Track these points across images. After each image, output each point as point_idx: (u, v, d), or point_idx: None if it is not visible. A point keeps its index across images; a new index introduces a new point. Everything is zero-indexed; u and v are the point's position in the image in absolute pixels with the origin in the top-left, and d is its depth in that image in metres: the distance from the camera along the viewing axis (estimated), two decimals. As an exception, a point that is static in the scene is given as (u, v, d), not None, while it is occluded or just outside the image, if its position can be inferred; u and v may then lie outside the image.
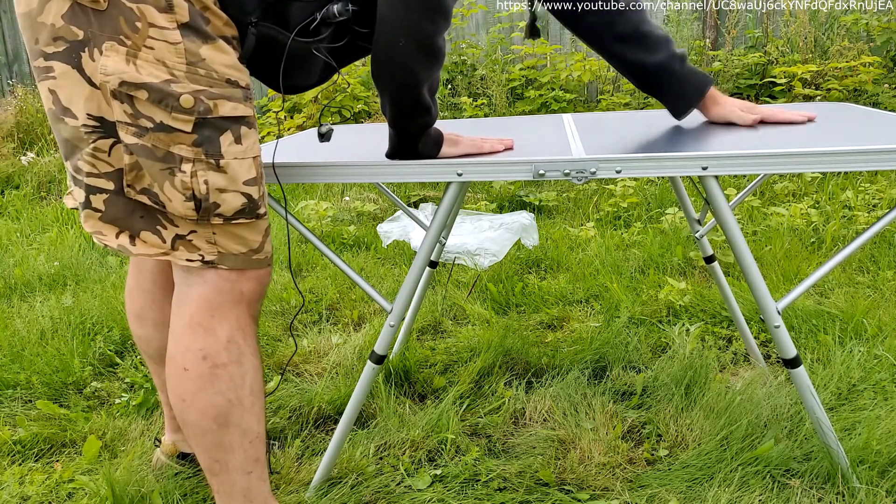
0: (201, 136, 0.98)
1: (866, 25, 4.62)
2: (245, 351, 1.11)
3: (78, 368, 1.92)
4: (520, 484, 1.40)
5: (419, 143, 1.16)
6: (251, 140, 1.03)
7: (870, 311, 2.06)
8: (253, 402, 1.13)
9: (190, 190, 0.99)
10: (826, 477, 1.33)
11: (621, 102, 4.81)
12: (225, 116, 0.99)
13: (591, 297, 2.40)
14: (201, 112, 0.97)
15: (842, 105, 1.68)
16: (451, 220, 1.85)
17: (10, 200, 4.25)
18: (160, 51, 0.94)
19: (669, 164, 1.09)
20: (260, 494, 1.18)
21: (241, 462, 1.14)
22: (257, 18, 1.04)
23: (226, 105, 0.99)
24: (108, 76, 0.94)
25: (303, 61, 1.13)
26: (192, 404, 1.09)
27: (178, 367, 1.09)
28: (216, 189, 1.00)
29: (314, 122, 4.99)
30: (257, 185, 1.05)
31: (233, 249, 1.06)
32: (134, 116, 0.96)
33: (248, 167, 1.03)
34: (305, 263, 2.88)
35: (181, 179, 0.98)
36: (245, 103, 1.02)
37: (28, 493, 1.44)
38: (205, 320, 1.08)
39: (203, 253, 1.05)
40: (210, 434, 1.11)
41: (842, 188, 3.39)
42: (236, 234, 1.06)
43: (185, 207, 1.00)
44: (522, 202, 3.67)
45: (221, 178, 1.00)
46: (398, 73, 1.08)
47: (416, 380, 1.81)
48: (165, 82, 0.94)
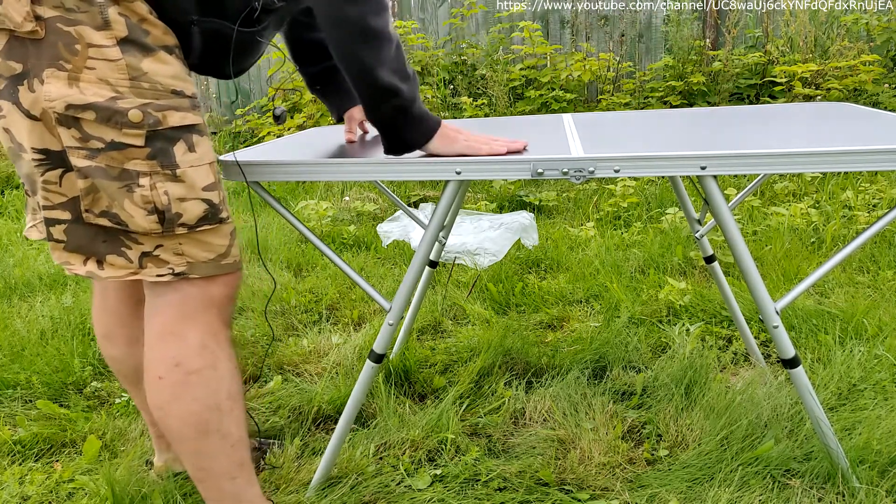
0: (154, 149, 0.98)
1: (866, 25, 4.62)
2: (219, 355, 1.10)
3: (78, 368, 1.92)
4: (520, 484, 1.40)
5: (401, 130, 1.13)
6: (204, 147, 1.04)
7: (870, 311, 2.05)
8: (231, 407, 1.12)
9: (151, 203, 0.99)
10: (826, 477, 1.33)
11: (621, 102, 4.81)
12: (175, 126, 0.99)
13: (591, 297, 2.40)
14: (151, 125, 0.96)
15: (842, 105, 1.68)
16: (451, 220, 1.85)
17: (10, 200, 4.25)
18: (101, 70, 0.94)
19: (668, 163, 1.09)
20: (250, 499, 1.18)
21: (226, 468, 1.14)
22: (197, 16, 1.03)
23: (174, 115, 0.99)
24: (52, 101, 0.93)
25: (249, 48, 1.14)
26: (170, 412, 1.10)
27: (153, 377, 1.09)
28: (177, 199, 1.00)
29: (314, 122, 4.99)
30: (216, 191, 1.05)
31: (201, 257, 1.06)
32: (83, 139, 0.96)
33: (206, 173, 1.03)
34: (305, 263, 2.88)
35: (141, 194, 0.98)
36: (193, 112, 1.02)
37: (28, 493, 1.44)
38: (175, 328, 1.08)
39: (172, 266, 1.05)
40: (190, 441, 1.11)
41: (842, 188, 3.39)
42: (202, 241, 1.06)
43: (149, 221, 1.00)
44: (522, 202, 3.67)
45: (180, 187, 1.00)
46: (346, 64, 1.09)
47: (416, 380, 1.81)
48: (111, 100, 0.94)
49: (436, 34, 5.64)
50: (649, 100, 4.85)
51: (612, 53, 5.27)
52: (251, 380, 1.92)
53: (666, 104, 4.78)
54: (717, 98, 4.75)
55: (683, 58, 4.91)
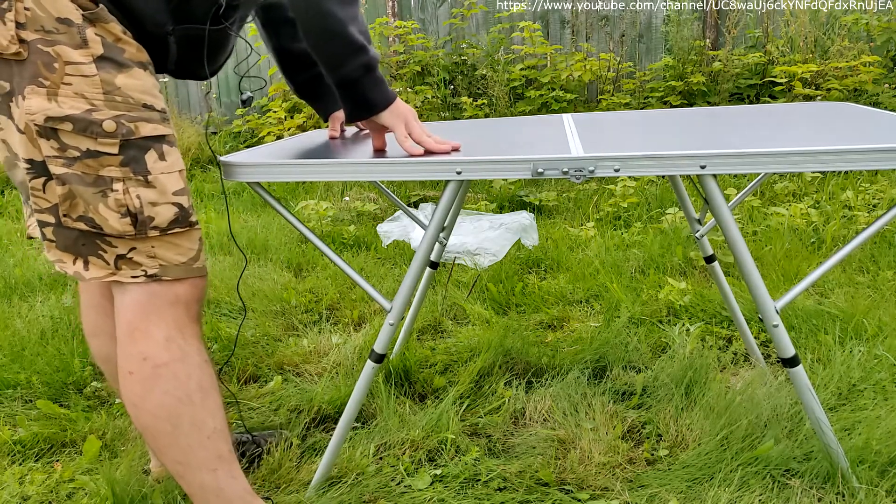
0: (127, 157, 1.04)
1: (866, 25, 4.62)
2: (187, 350, 1.13)
3: (78, 368, 1.92)
4: (520, 484, 1.40)
5: (366, 89, 1.17)
6: (174, 156, 1.09)
7: (870, 311, 2.05)
8: (203, 398, 1.13)
9: (124, 206, 1.04)
10: (826, 477, 1.33)
11: (621, 102, 4.81)
12: (147, 136, 1.05)
13: (591, 297, 2.40)
14: (124, 134, 1.02)
15: (842, 105, 1.68)
16: (452, 220, 1.85)
17: (10, 200, 4.25)
18: (78, 85, 1.00)
19: (668, 162, 1.09)
20: (234, 493, 1.17)
21: (203, 460, 1.14)
22: (172, 26, 1.10)
23: (146, 126, 1.05)
24: (33, 115, 1.00)
25: (220, 45, 1.19)
26: (142, 408, 1.12)
27: (124, 373, 1.12)
28: (149, 203, 1.06)
29: (315, 122, 5.00)
30: (186, 196, 1.10)
31: (174, 260, 1.11)
32: (61, 149, 1.02)
33: (176, 180, 1.09)
34: (305, 263, 2.88)
35: (115, 198, 1.04)
36: (164, 124, 1.08)
37: (28, 493, 1.44)
38: (141, 324, 1.11)
39: (146, 268, 1.09)
40: (165, 436, 1.12)
41: (842, 188, 3.39)
42: (174, 243, 1.10)
43: (122, 224, 1.05)
44: (522, 202, 3.67)
45: (152, 192, 1.06)
46: (318, 21, 1.12)
47: (416, 380, 1.81)
48: (87, 112, 1.00)
49: (436, 34, 5.64)
50: (649, 100, 4.85)
51: (612, 53, 5.27)
52: (251, 380, 1.93)
53: (666, 104, 4.78)
54: (717, 98, 4.75)
55: (683, 58, 4.91)
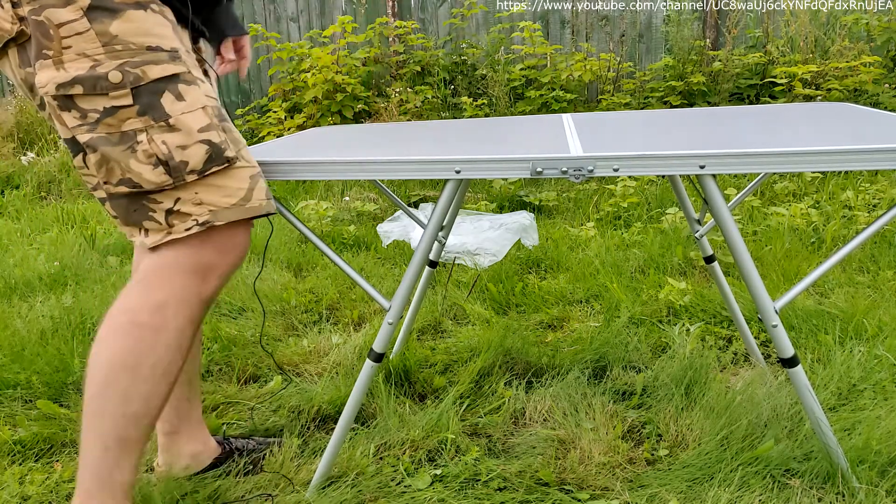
0: (142, 105, 1.01)
1: (867, 25, 4.62)
2: (169, 325, 1.08)
3: (78, 368, 1.92)
4: (520, 484, 1.40)
5: None
6: (193, 94, 1.05)
7: (870, 311, 2.05)
8: (148, 378, 1.07)
9: (153, 156, 1.02)
10: (826, 477, 1.33)
11: (621, 102, 4.81)
12: (157, 79, 1.02)
13: (591, 297, 2.40)
14: (132, 81, 1.00)
15: (842, 105, 1.68)
16: (451, 220, 1.85)
17: (10, 200, 4.25)
18: (77, 45, 0.99)
19: (667, 162, 1.09)
20: (108, 479, 1.09)
21: (105, 432, 1.08)
22: None
23: (154, 69, 1.02)
24: (45, 87, 1.00)
25: None
26: (96, 352, 1.08)
27: (109, 311, 1.10)
28: (177, 147, 1.03)
29: (314, 122, 5.00)
30: (214, 131, 1.06)
31: (223, 203, 1.07)
32: (82, 116, 1.01)
33: (199, 117, 1.05)
34: (305, 263, 2.88)
35: (142, 150, 1.02)
36: (174, 63, 1.04)
37: (28, 493, 1.44)
38: (148, 277, 1.09)
39: (196, 217, 1.06)
40: (94, 385, 1.08)
41: (842, 188, 3.39)
42: (217, 185, 1.06)
43: (157, 175, 1.03)
44: (522, 202, 3.67)
45: (177, 135, 1.03)
46: None
47: (416, 380, 1.81)
48: (91, 69, 0.99)
49: (436, 34, 5.64)
50: (649, 100, 4.85)
51: (612, 53, 5.27)
52: (251, 380, 1.93)
53: (666, 104, 4.78)
54: (717, 98, 4.75)
55: (683, 58, 4.91)
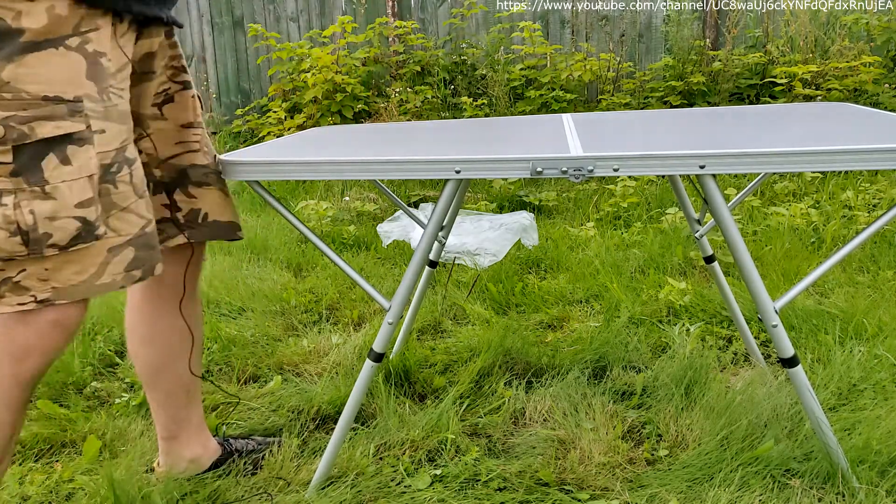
0: (20, 165, 0.89)
1: (867, 25, 4.62)
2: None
3: (78, 368, 1.92)
4: (520, 484, 1.40)
5: None
6: (83, 158, 0.93)
7: (870, 311, 2.05)
8: None
9: (14, 224, 0.90)
10: (826, 477, 1.33)
11: (621, 102, 4.81)
12: (46, 138, 0.90)
13: (591, 297, 2.40)
14: (15, 139, 0.88)
15: (842, 105, 1.68)
16: (451, 220, 1.85)
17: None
18: None
19: (667, 162, 1.09)
20: None
21: None
22: None
23: (45, 126, 0.90)
24: None
25: None
26: None
27: None
28: (45, 218, 0.91)
29: (314, 122, 5.00)
30: (93, 206, 0.95)
31: (71, 280, 0.97)
32: None
33: (81, 188, 0.93)
34: (305, 263, 2.88)
35: (3, 214, 0.90)
36: (72, 118, 0.91)
37: (28, 493, 1.44)
38: None
39: (35, 293, 0.96)
40: None
41: (842, 188, 3.39)
42: (73, 261, 0.97)
43: (10, 243, 0.91)
44: (522, 202, 3.67)
45: (49, 204, 0.91)
46: None
47: (416, 380, 1.81)
48: None
49: (436, 34, 5.64)
50: (649, 100, 4.84)
51: (612, 53, 5.27)
52: (251, 380, 1.93)
53: (666, 104, 4.78)
54: (717, 98, 4.75)
55: (683, 58, 4.91)
